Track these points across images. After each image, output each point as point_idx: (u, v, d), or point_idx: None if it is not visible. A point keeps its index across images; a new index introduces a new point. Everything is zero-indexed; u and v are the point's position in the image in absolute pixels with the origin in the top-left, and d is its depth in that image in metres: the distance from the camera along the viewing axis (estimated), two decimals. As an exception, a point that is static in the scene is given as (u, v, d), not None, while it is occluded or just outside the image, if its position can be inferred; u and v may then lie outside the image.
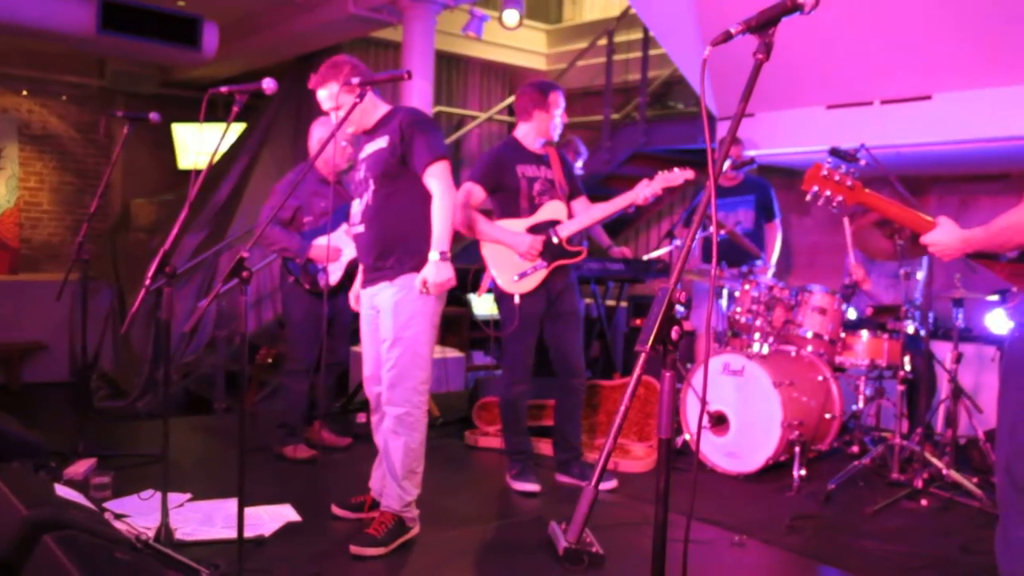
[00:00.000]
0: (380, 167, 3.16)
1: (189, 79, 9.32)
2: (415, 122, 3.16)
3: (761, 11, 1.62)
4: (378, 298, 3.18)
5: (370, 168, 3.20)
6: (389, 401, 3.12)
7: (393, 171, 3.15)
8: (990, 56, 4.31)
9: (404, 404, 3.10)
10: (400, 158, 3.14)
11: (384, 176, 3.15)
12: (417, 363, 3.11)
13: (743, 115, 1.50)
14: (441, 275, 3.02)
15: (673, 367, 1.35)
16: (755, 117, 5.71)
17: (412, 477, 3.16)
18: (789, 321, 4.43)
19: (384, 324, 3.13)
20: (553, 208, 3.87)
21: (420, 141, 3.11)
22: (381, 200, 3.16)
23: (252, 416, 5.53)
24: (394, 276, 3.12)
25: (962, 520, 3.63)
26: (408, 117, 3.18)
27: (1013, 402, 2.13)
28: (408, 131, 3.12)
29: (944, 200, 6.11)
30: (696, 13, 5.33)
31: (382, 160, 3.16)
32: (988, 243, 2.17)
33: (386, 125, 3.22)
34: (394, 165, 3.14)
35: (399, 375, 3.09)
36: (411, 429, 3.12)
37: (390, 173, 3.15)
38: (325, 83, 3.20)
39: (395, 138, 3.14)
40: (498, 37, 8.42)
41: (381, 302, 3.16)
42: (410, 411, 3.11)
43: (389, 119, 3.23)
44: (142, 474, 3.83)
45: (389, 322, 3.10)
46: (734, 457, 4.23)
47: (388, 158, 3.14)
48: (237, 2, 7.40)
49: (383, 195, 3.16)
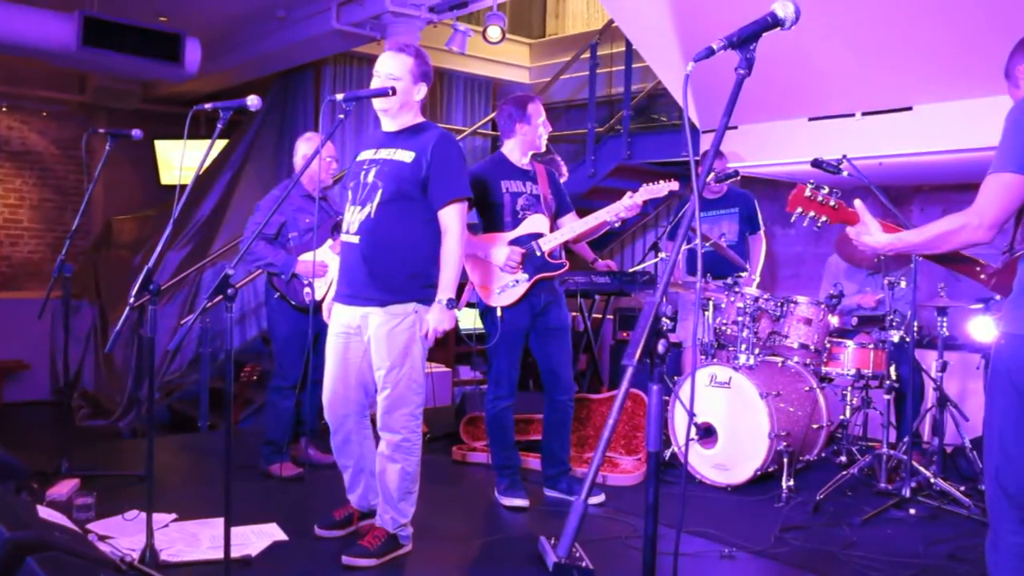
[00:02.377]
0: (397, 183, 3.03)
1: (171, 95, 9.29)
2: (449, 151, 3.08)
3: (742, 27, 1.63)
4: (364, 320, 3.08)
5: (385, 179, 3.04)
6: (386, 427, 3.08)
7: (410, 192, 3.04)
8: (968, 68, 4.36)
9: (401, 430, 3.07)
10: (423, 181, 3.04)
11: (399, 193, 3.03)
12: (413, 389, 3.09)
13: (726, 129, 1.50)
14: (445, 322, 3.04)
15: (660, 380, 1.35)
16: (738, 129, 5.74)
17: (408, 498, 3.15)
18: (775, 332, 4.44)
19: (378, 351, 3.05)
20: (535, 221, 3.86)
21: (450, 173, 3.05)
22: (388, 217, 3.03)
23: (238, 434, 5.48)
24: (385, 303, 3.04)
25: (950, 528, 3.64)
26: (443, 142, 3.08)
27: (999, 410, 2.13)
28: (440, 157, 3.04)
29: (926, 210, 6.16)
30: (678, 26, 5.36)
31: (403, 177, 3.03)
32: (919, 247, 2.28)
33: (414, 138, 3.09)
34: (414, 186, 3.04)
35: (396, 402, 3.06)
36: (408, 454, 3.10)
37: (407, 193, 3.04)
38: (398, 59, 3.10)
39: (423, 159, 3.03)
40: (482, 51, 8.43)
41: (372, 328, 3.06)
42: (407, 437, 3.09)
43: (420, 132, 3.12)
44: (126, 494, 3.78)
45: (384, 350, 3.04)
46: (722, 469, 4.23)
47: (410, 177, 3.03)
48: (220, 18, 7.39)
49: (391, 212, 3.03)
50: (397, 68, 3.07)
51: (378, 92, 3.02)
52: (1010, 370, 2.09)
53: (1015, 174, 2.04)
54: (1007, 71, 2.32)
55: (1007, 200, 2.06)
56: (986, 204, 2.07)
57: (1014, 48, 2.31)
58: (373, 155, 3.14)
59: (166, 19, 7.12)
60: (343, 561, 3.05)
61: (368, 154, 3.17)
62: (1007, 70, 2.32)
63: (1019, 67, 2.27)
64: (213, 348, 5.64)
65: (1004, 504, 2.12)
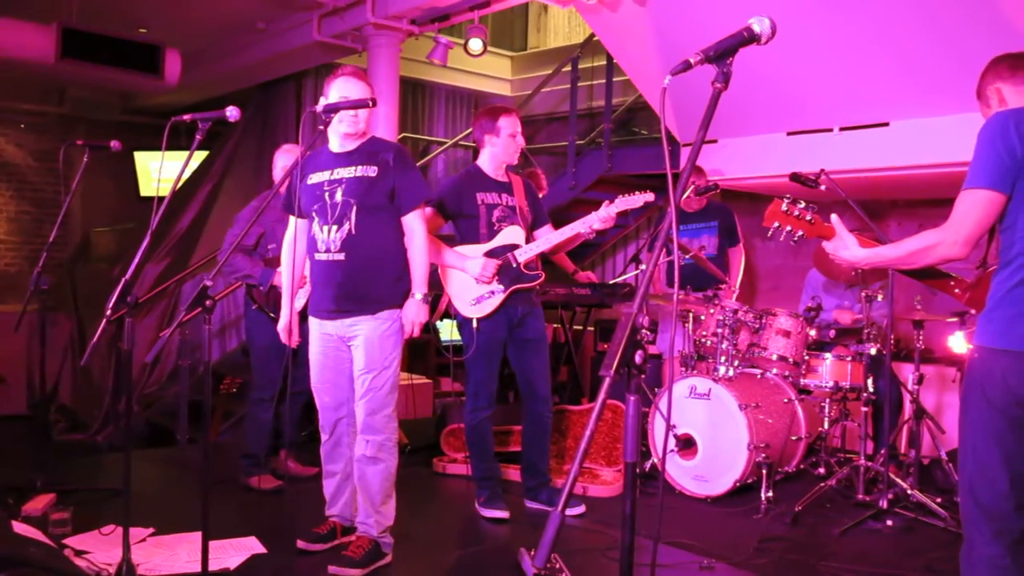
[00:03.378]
0: (368, 197, 3.17)
1: (151, 106, 9.24)
2: (406, 159, 3.28)
3: (719, 41, 1.65)
4: (354, 329, 3.20)
5: (356, 195, 3.17)
6: (369, 428, 3.19)
7: (380, 203, 3.20)
8: (944, 85, 4.42)
9: (384, 431, 3.20)
10: (390, 192, 3.21)
11: (370, 206, 3.17)
12: (394, 392, 3.24)
13: (703, 143, 1.52)
14: (422, 315, 3.23)
15: (638, 391, 1.36)
16: (718, 143, 5.79)
17: (389, 501, 3.26)
18: (754, 344, 4.47)
19: (368, 355, 3.18)
20: (511, 233, 3.87)
21: (412, 180, 3.25)
22: (367, 230, 3.19)
23: (217, 447, 5.44)
24: (376, 310, 3.18)
25: (926, 540, 3.67)
26: (400, 153, 3.28)
27: (973, 422, 2.16)
28: (401, 168, 3.22)
29: (903, 224, 6.22)
30: (658, 41, 5.41)
31: (373, 190, 3.18)
32: (896, 262, 2.33)
33: (372, 154, 3.23)
34: (382, 197, 3.19)
35: (380, 404, 3.19)
36: (390, 454, 3.23)
37: (377, 205, 3.19)
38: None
39: (387, 170, 3.19)
40: (463, 63, 8.47)
41: (361, 333, 3.18)
42: (389, 436, 3.23)
43: (374, 148, 3.26)
44: (103, 508, 3.74)
45: (375, 353, 3.17)
46: (702, 480, 4.24)
47: (379, 189, 3.19)
48: (200, 30, 7.37)
49: (369, 225, 3.19)
50: (365, 92, 3.17)
51: (358, 103, 3.04)
52: (982, 383, 2.12)
53: (988, 190, 2.08)
54: (978, 91, 2.37)
55: (981, 215, 2.09)
56: (961, 220, 2.10)
57: (985, 69, 2.36)
58: (331, 176, 3.24)
59: (146, 31, 7.09)
60: (330, 571, 3.08)
61: (323, 176, 3.25)
62: (978, 90, 2.37)
63: (990, 87, 2.32)
64: (192, 360, 5.59)
65: (977, 515, 2.14)
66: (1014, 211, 2.09)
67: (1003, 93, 2.28)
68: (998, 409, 2.08)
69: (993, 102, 2.31)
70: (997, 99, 2.30)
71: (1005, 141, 2.06)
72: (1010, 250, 2.11)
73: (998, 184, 2.07)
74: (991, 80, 2.32)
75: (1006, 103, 2.26)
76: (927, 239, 2.16)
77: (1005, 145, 2.06)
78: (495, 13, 7.19)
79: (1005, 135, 2.07)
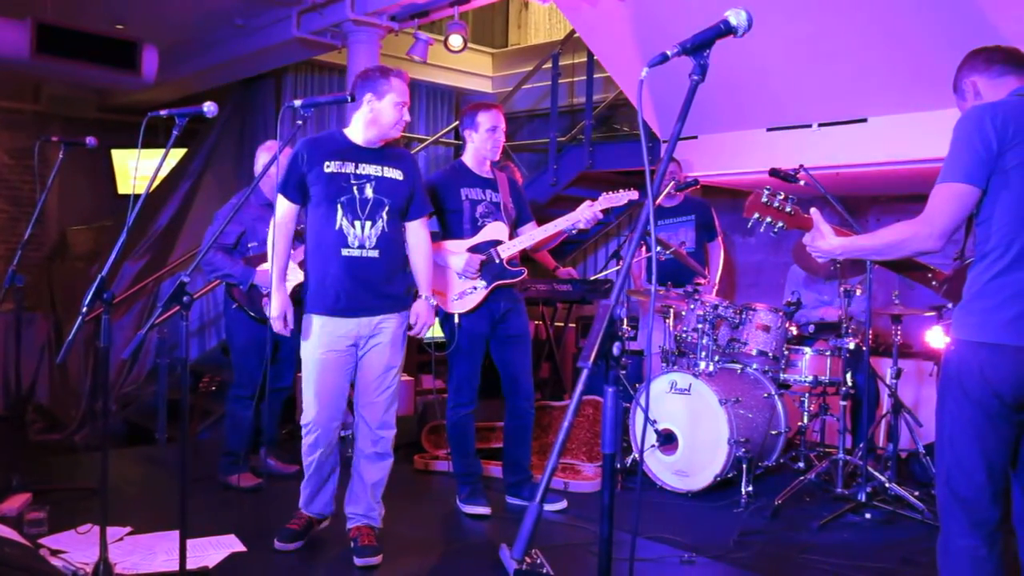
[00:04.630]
0: (397, 200, 3.26)
1: (129, 103, 9.15)
2: (419, 170, 3.43)
3: (696, 34, 1.65)
4: (379, 327, 3.23)
5: (387, 195, 3.23)
6: (386, 424, 3.29)
7: (403, 207, 3.30)
8: (921, 81, 4.46)
9: (395, 426, 3.33)
10: (409, 197, 3.32)
11: (398, 209, 3.28)
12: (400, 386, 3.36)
13: (679, 136, 1.52)
14: (432, 317, 3.40)
15: (616, 383, 1.36)
16: (698, 139, 5.81)
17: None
18: (734, 339, 4.49)
19: (393, 351, 3.26)
20: (495, 229, 3.87)
21: (423, 191, 3.41)
22: (396, 230, 3.28)
23: (196, 445, 5.41)
24: (401, 308, 3.29)
25: (904, 532, 3.71)
26: (415, 162, 3.43)
27: (951, 414, 2.18)
28: (417, 176, 3.36)
29: (882, 220, 6.27)
30: (639, 37, 5.42)
31: (400, 194, 3.27)
32: (872, 252, 2.38)
33: (396, 158, 3.31)
34: (406, 201, 3.31)
35: (394, 398, 3.31)
36: (392, 447, 3.36)
37: (401, 208, 3.29)
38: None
39: (410, 177, 3.31)
40: (444, 60, 8.45)
41: (389, 329, 3.25)
42: (394, 431, 3.34)
43: (393, 151, 3.34)
44: (80, 508, 3.70)
45: (398, 349, 3.29)
46: (683, 475, 4.26)
47: (404, 194, 3.29)
48: (178, 26, 7.30)
49: (396, 226, 3.28)
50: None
51: (336, 99, 3.03)
52: (960, 375, 2.14)
53: (962, 184, 2.09)
54: (955, 84, 2.38)
55: (955, 209, 2.11)
56: (936, 213, 2.12)
57: (961, 63, 2.38)
58: (355, 169, 3.19)
59: (123, 26, 7.02)
60: (357, 564, 3.16)
61: (346, 167, 3.18)
62: (955, 83, 2.38)
63: (966, 80, 2.34)
64: (171, 359, 5.55)
65: (955, 507, 2.16)
66: (990, 205, 2.11)
67: (979, 86, 2.30)
68: (975, 401, 2.10)
69: (969, 95, 2.33)
70: (973, 92, 2.32)
71: (981, 136, 2.08)
72: (986, 243, 2.12)
73: (973, 178, 2.09)
74: (967, 74, 2.34)
75: (982, 97, 2.28)
76: (903, 231, 2.18)
77: (981, 140, 2.08)
78: (476, 9, 7.16)
79: (981, 130, 2.08)
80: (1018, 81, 2.25)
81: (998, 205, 2.09)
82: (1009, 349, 2.05)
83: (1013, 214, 2.07)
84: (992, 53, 2.31)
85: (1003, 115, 2.08)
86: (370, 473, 3.28)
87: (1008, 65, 2.28)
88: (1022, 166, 2.06)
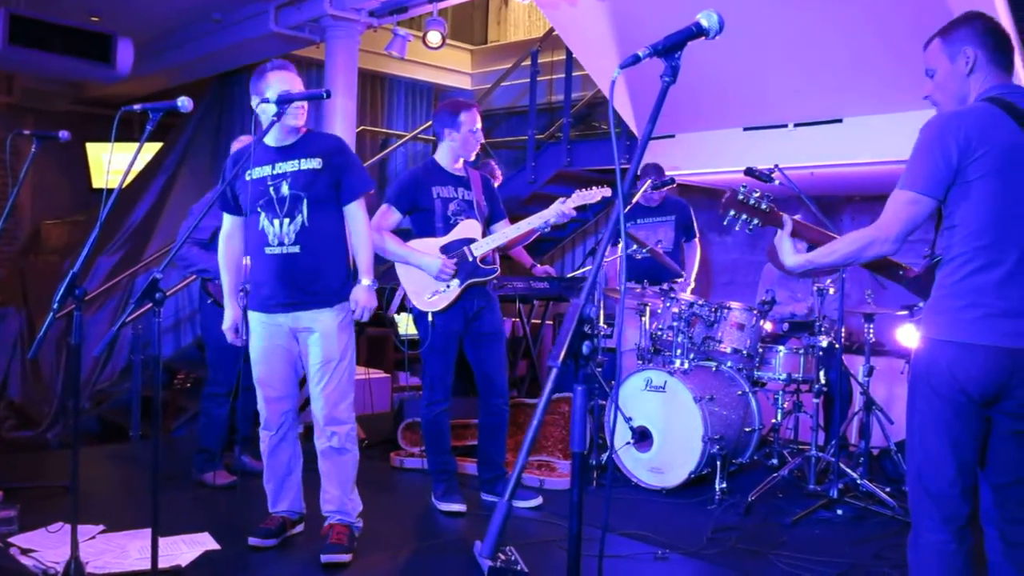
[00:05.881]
0: (316, 189, 3.18)
1: (105, 96, 9.05)
2: (347, 151, 3.31)
3: (668, 36, 1.66)
4: (309, 321, 3.20)
5: (304, 188, 3.17)
6: (333, 420, 3.24)
7: (327, 195, 3.22)
8: (895, 82, 4.51)
9: (348, 420, 3.28)
10: (335, 183, 3.23)
11: (321, 199, 3.19)
12: (352, 380, 3.31)
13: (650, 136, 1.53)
14: (373, 300, 3.25)
15: (585, 382, 1.37)
16: (675, 138, 5.84)
17: (355, 488, 3.35)
18: (709, 337, 4.52)
19: (326, 346, 3.20)
20: (468, 227, 3.87)
21: (355, 170, 3.28)
22: (320, 222, 3.21)
23: (171, 442, 5.37)
24: (333, 302, 3.21)
25: (876, 528, 3.75)
26: (338, 144, 3.30)
27: (921, 411, 2.21)
28: (341, 158, 3.25)
29: (856, 220, 6.33)
30: (617, 36, 5.44)
31: (319, 183, 3.18)
32: (829, 267, 2.45)
33: (313, 146, 3.23)
34: (329, 189, 3.21)
35: (343, 392, 3.25)
36: (354, 443, 3.32)
37: (324, 197, 3.21)
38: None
39: (329, 162, 3.21)
40: (423, 56, 8.43)
41: (318, 325, 3.20)
42: (352, 426, 3.30)
43: (313, 140, 3.26)
44: (52, 506, 3.67)
45: (334, 344, 3.21)
46: (658, 472, 4.28)
47: (325, 181, 3.20)
48: (154, 19, 7.24)
49: (320, 218, 3.21)
50: (299, 85, 3.18)
51: (313, 95, 3.02)
52: (929, 373, 2.17)
53: (918, 194, 2.12)
54: (941, 43, 2.26)
55: (909, 216, 2.14)
56: (891, 220, 2.15)
57: (959, 21, 2.26)
58: (272, 171, 3.21)
59: (98, 19, 6.95)
60: (323, 560, 3.13)
61: (264, 171, 3.21)
62: (942, 41, 2.26)
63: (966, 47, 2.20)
64: (145, 355, 5.51)
65: (925, 503, 2.19)
66: (953, 214, 2.14)
67: (980, 63, 2.20)
68: (944, 398, 2.13)
69: (961, 64, 2.21)
70: (967, 64, 2.20)
71: (943, 149, 2.09)
72: (951, 250, 2.15)
73: (930, 190, 2.11)
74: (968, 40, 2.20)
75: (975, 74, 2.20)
76: (858, 240, 2.21)
77: (942, 153, 2.09)
78: (455, 6, 7.16)
79: (943, 142, 2.09)
80: (998, 78, 2.21)
81: (963, 215, 2.12)
82: (976, 348, 2.08)
83: (978, 223, 2.10)
84: (1003, 38, 2.21)
85: (966, 128, 2.08)
86: (327, 468, 3.28)
87: (1007, 57, 2.21)
88: (985, 177, 2.08)
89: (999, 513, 2.21)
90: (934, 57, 2.28)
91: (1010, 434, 2.16)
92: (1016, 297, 2.08)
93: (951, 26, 2.26)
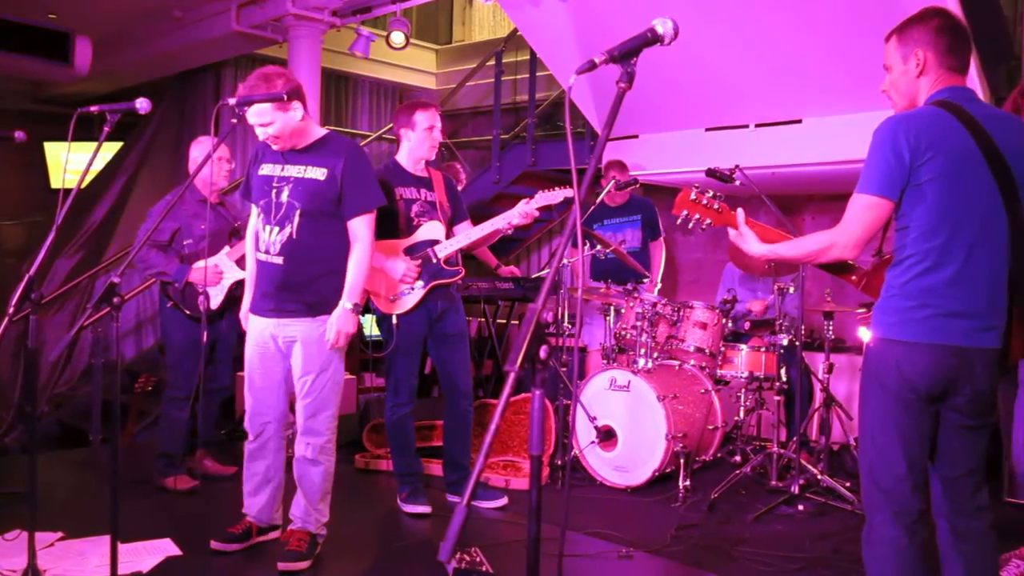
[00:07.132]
0: (313, 202, 3.09)
1: (64, 95, 8.91)
2: (360, 163, 3.15)
3: (623, 42, 1.68)
4: (292, 331, 3.15)
5: (301, 198, 3.09)
6: (310, 431, 3.19)
7: (325, 209, 3.11)
8: (855, 83, 4.58)
9: (325, 432, 3.21)
10: (337, 197, 3.11)
11: (316, 212, 3.10)
12: (336, 392, 3.22)
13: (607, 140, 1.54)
14: (350, 325, 3.12)
15: (542, 385, 1.38)
16: (639, 139, 5.88)
17: (326, 498, 3.30)
18: (672, 336, 4.56)
19: (306, 357, 3.14)
20: (431, 228, 3.86)
21: (363, 186, 3.13)
22: (309, 235, 3.11)
23: (132, 447, 5.30)
24: (315, 314, 3.13)
25: (835, 523, 3.81)
26: (353, 155, 3.14)
27: (871, 409, 2.25)
28: (352, 172, 3.10)
29: (817, 219, 6.42)
30: (579, 37, 5.46)
31: (318, 195, 3.09)
32: (791, 261, 2.48)
33: (323, 154, 3.12)
34: (329, 203, 3.11)
35: (321, 405, 3.18)
36: (330, 455, 3.25)
37: (323, 211, 3.11)
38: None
39: (336, 174, 3.08)
40: (388, 56, 8.40)
41: (299, 335, 3.13)
42: (330, 438, 3.24)
43: (326, 146, 3.15)
44: (9, 513, 3.59)
45: (314, 355, 3.13)
46: (622, 471, 4.31)
47: (325, 195, 3.09)
48: (113, 16, 7.13)
49: (311, 231, 3.11)
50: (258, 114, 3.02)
51: (272, 96, 2.96)
52: (879, 371, 2.21)
53: (876, 196, 2.16)
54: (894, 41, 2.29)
55: (870, 220, 2.17)
56: (852, 225, 2.18)
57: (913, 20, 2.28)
58: (280, 171, 3.14)
59: (55, 16, 6.84)
60: (279, 568, 3.09)
61: (274, 169, 3.15)
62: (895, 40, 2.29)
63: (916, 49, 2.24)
64: (105, 359, 5.43)
65: (878, 498, 2.24)
66: (906, 215, 2.17)
67: (929, 64, 2.23)
68: (893, 395, 2.18)
69: (912, 66, 2.25)
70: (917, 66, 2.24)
71: (895, 151, 2.13)
72: (903, 250, 2.19)
73: (886, 191, 2.15)
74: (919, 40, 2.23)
75: (924, 76, 2.24)
76: (821, 241, 2.24)
77: (895, 154, 2.13)
78: (420, 6, 7.14)
79: (895, 145, 2.13)
80: (949, 80, 2.23)
81: (914, 216, 2.15)
82: (922, 346, 2.13)
83: (929, 225, 2.14)
84: (958, 38, 2.23)
85: (916, 130, 2.12)
86: (297, 475, 3.25)
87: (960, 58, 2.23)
88: (936, 180, 2.12)
89: (950, 506, 2.26)
90: (890, 55, 2.32)
91: (958, 429, 2.21)
92: (964, 297, 2.12)
93: (907, 24, 2.29)
